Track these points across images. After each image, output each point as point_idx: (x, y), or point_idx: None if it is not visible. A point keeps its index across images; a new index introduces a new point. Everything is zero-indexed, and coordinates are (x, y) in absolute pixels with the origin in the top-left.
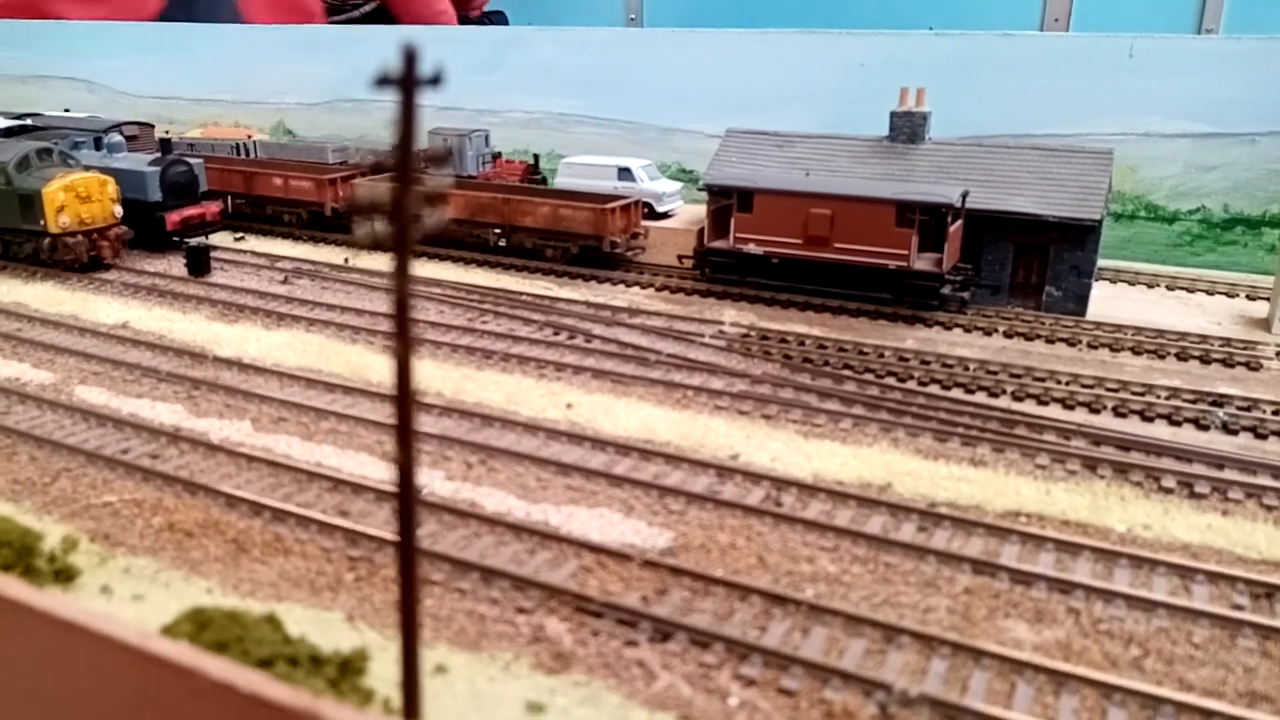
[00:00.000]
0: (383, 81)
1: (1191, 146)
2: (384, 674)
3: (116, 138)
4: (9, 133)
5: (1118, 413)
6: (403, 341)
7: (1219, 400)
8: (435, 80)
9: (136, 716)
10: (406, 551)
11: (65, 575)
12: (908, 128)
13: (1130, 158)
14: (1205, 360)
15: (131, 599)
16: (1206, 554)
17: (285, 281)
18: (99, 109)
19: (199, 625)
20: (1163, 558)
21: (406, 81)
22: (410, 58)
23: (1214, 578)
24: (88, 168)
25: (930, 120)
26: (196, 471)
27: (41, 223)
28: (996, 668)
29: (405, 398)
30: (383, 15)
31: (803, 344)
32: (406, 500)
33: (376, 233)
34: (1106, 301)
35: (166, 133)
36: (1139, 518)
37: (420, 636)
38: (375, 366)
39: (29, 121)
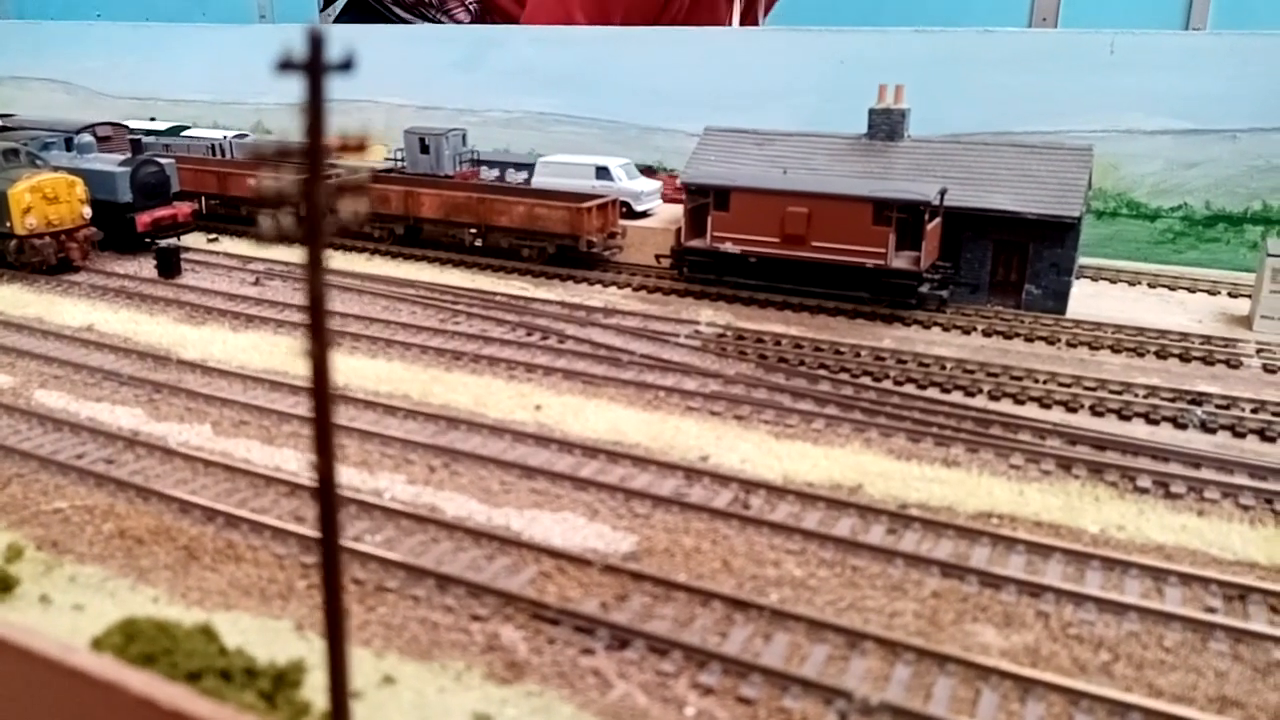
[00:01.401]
0: (287, 66)
1: (1173, 143)
2: (325, 685)
3: (87, 138)
4: None
5: (1095, 411)
6: (319, 341)
7: (1197, 399)
8: (345, 65)
9: None
10: (330, 556)
11: (4, 584)
12: (886, 125)
13: (1112, 155)
14: (1185, 358)
15: (71, 608)
16: (1180, 555)
17: (256, 283)
18: (76, 110)
19: (128, 637)
20: (1136, 559)
21: (314, 66)
22: (316, 41)
23: (1187, 579)
24: (56, 169)
25: (909, 117)
26: (151, 477)
27: (8, 224)
28: (962, 674)
29: (323, 399)
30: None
31: (779, 343)
32: (329, 512)
33: (283, 226)
34: (1087, 299)
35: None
36: (1113, 518)
37: (348, 651)
38: (340, 368)
39: (0, 122)
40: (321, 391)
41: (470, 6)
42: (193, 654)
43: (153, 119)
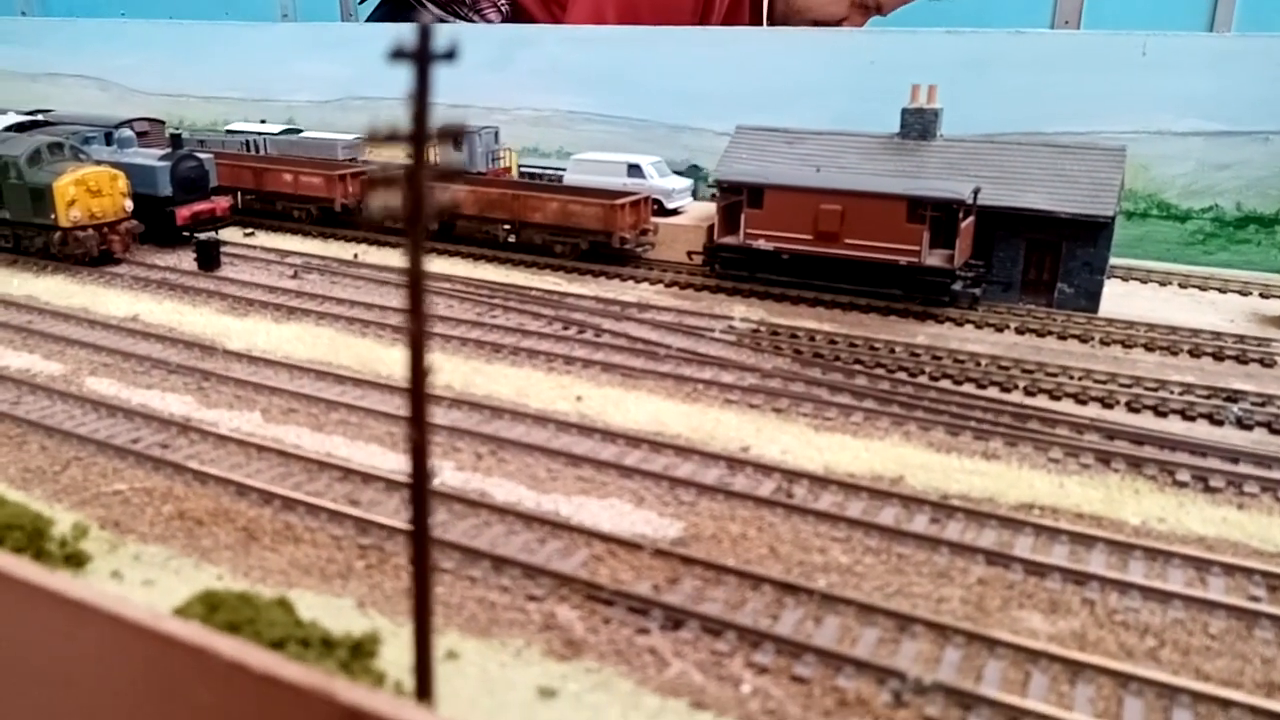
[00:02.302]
0: (398, 55)
1: (1204, 145)
2: (395, 659)
3: (127, 133)
4: (21, 128)
5: (1131, 408)
6: (416, 319)
7: (1233, 396)
8: (450, 55)
9: (148, 696)
10: (420, 526)
11: (76, 560)
12: (919, 124)
13: (1142, 156)
14: (1219, 357)
15: (142, 584)
16: (1222, 546)
17: (295, 276)
18: (110, 106)
19: (210, 607)
20: (1178, 550)
21: (421, 55)
22: (425, 33)
23: (1230, 570)
24: (98, 162)
25: (941, 117)
26: (207, 461)
27: (52, 216)
28: (1011, 657)
29: (419, 376)
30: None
31: (813, 339)
32: (420, 475)
33: (389, 208)
34: (1119, 299)
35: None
36: (1154, 511)
37: (433, 620)
38: (385, 359)
39: (40, 117)
40: (418, 369)
41: (502, 7)
42: (274, 623)
43: (263, 120)
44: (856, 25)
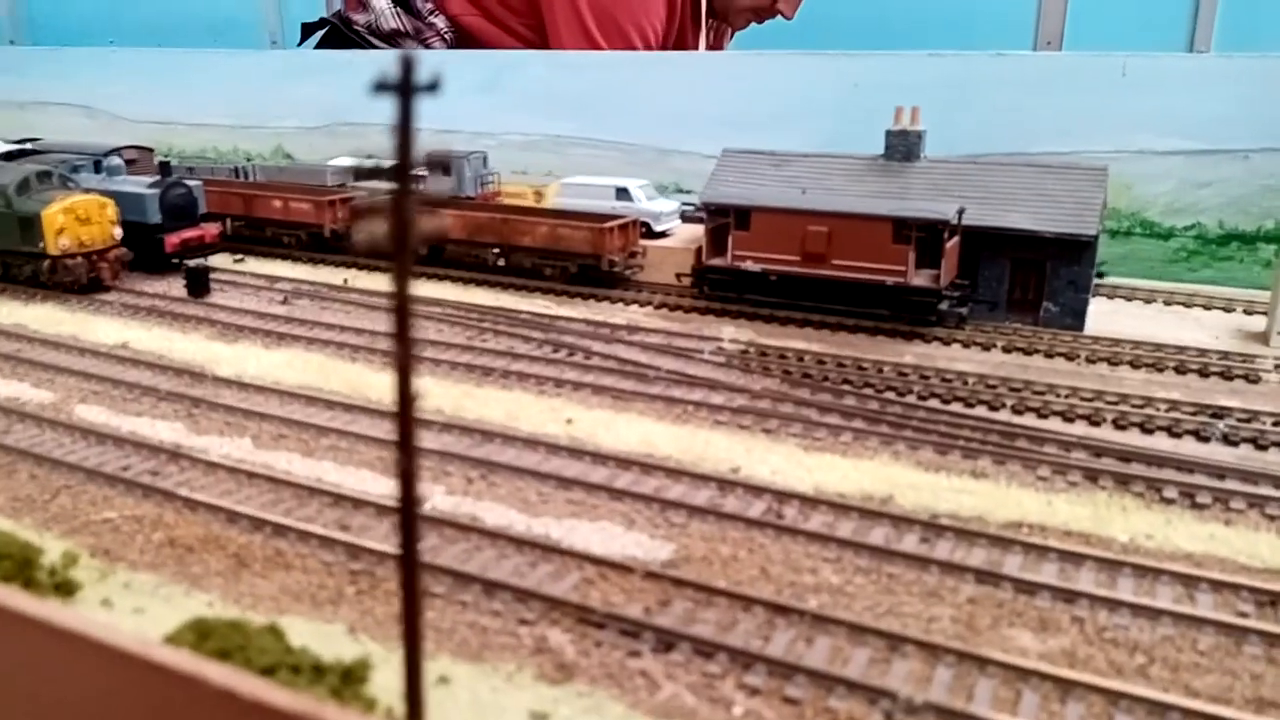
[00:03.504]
0: (381, 88)
1: (1185, 163)
2: (386, 684)
3: (116, 160)
4: (9, 156)
5: (1118, 425)
6: (403, 345)
7: (1219, 412)
8: (432, 86)
9: None
10: (409, 553)
11: (66, 589)
12: (903, 146)
13: (1125, 175)
14: (1204, 373)
15: (132, 612)
16: (1210, 563)
17: (285, 302)
18: (98, 134)
19: (201, 635)
20: (1166, 566)
21: (404, 87)
22: (407, 64)
23: (1218, 586)
24: (87, 190)
25: (925, 138)
26: (197, 488)
27: (41, 245)
28: (1002, 675)
29: (406, 402)
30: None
31: (802, 359)
32: (408, 501)
33: (375, 236)
34: (1104, 317)
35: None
36: (1141, 527)
37: (424, 644)
38: (375, 384)
39: (28, 145)
40: (405, 395)
41: (446, 36)
42: (264, 650)
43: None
44: (787, 13)
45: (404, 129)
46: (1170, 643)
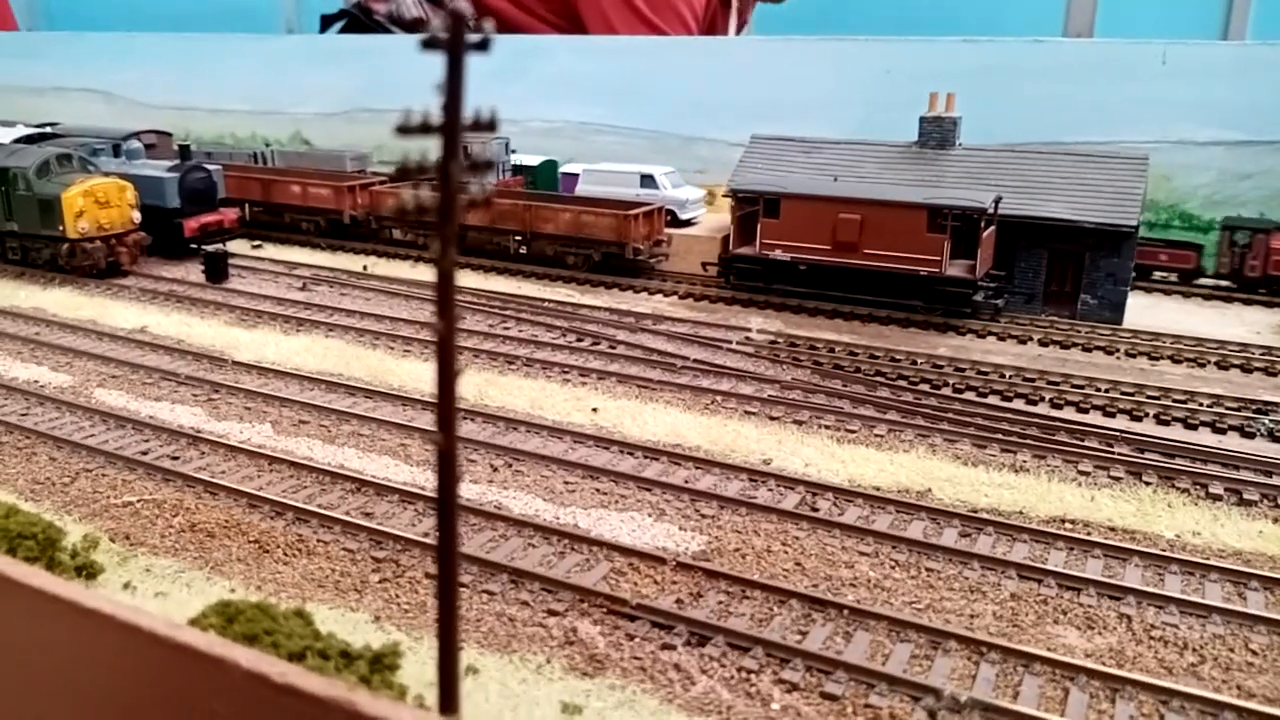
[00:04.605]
0: (430, 44)
1: (1226, 154)
2: (414, 674)
3: (135, 144)
4: (29, 140)
5: (1160, 420)
6: (446, 318)
7: (1263, 408)
8: (483, 45)
9: (164, 707)
10: (447, 533)
11: (88, 571)
12: (937, 133)
13: (1164, 166)
14: (1246, 369)
15: (154, 596)
16: (1259, 560)
17: (303, 288)
18: (116, 120)
19: (227, 618)
20: (1214, 564)
21: (454, 43)
22: (457, 19)
23: (1269, 584)
24: (107, 174)
25: (960, 126)
26: (218, 473)
27: (60, 228)
28: (1048, 673)
29: (448, 379)
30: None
31: (833, 350)
32: (448, 480)
33: (421, 198)
34: (1143, 310)
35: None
36: (1188, 524)
37: (458, 629)
38: (397, 370)
39: (48, 130)
40: (446, 368)
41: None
42: (293, 635)
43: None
44: None
45: (454, 88)
46: (1221, 641)
